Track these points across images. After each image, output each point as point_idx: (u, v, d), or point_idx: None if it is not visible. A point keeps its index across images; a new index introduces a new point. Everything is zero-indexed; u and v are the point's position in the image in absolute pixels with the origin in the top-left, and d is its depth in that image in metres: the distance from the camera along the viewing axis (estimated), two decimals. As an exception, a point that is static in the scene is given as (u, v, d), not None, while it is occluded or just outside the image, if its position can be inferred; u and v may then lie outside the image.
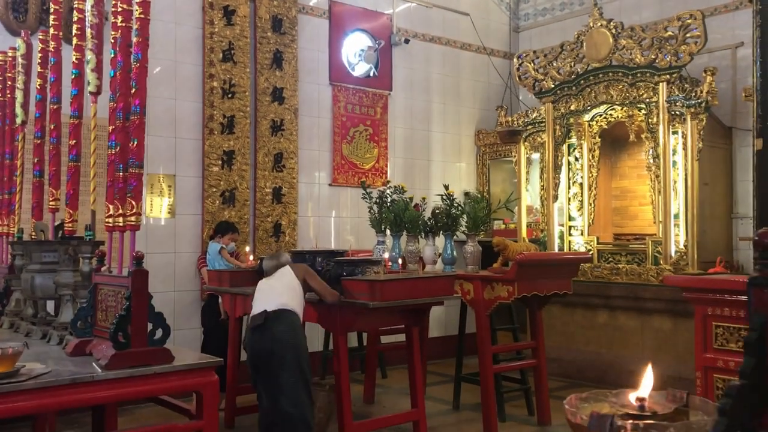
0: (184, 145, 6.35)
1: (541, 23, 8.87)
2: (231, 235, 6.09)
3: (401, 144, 7.94)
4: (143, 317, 2.64)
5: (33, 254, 3.45)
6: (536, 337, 5.33)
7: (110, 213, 2.89)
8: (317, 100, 7.25)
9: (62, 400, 2.44)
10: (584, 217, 7.41)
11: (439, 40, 8.31)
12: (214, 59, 6.44)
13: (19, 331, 3.52)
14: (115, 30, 2.88)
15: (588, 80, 7.02)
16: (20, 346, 2.48)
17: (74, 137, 3.27)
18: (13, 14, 5.51)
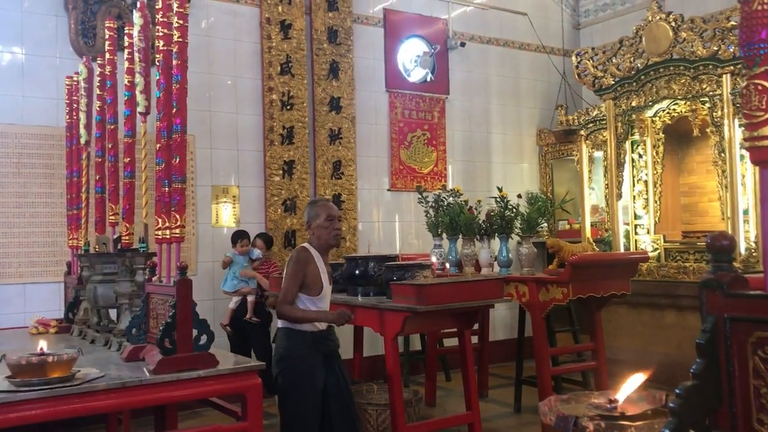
0: (246, 157, 6.58)
1: (602, 19, 8.71)
2: (241, 242, 5.96)
3: (460, 147, 7.96)
4: (188, 324, 2.79)
5: (96, 266, 3.69)
6: (596, 338, 5.25)
7: (159, 226, 3.06)
8: (374, 108, 7.36)
9: (113, 402, 2.61)
10: (650, 215, 7.23)
11: (497, 42, 8.29)
12: (272, 73, 6.64)
13: (86, 338, 3.76)
14: (158, 53, 3.05)
15: (648, 75, 6.86)
16: (75, 352, 2.67)
17: (128, 155, 3.47)
18: (83, 39, 5.86)
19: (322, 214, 3.67)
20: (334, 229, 3.67)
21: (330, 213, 3.68)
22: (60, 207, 5.56)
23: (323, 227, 3.65)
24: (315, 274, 3.61)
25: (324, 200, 3.92)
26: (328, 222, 3.65)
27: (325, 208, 3.71)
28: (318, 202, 3.88)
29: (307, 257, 3.61)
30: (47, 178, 5.65)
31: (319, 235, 3.66)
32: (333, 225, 3.66)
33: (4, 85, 5.58)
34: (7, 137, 5.53)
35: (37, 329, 4.17)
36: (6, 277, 5.47)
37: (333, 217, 3.67)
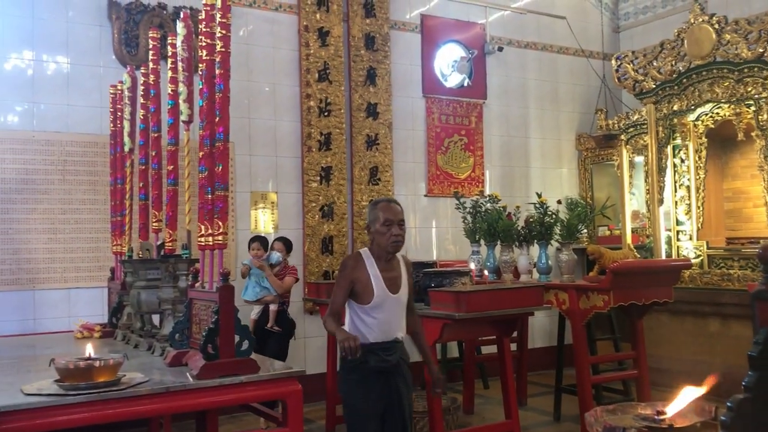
0: (285, 163, 6.64)
1: (642, 22, 8.59)
2: (253, 245, 5.66)
3: (498, 152, 7.92)
4: (230, 330, 2.82)
5: (140, 272, 3.75)
6: (637, 347, 5.17)
7: (202, 233, 3.10)
8: (411, 113, 7.37)
9: (158, 407, 2.65)
10: (692, 221, 7.09)
11: (535, 46, 8.23)
12: (310, 79, 6.69)
13: (129, 343, 3.83)
14: (201, 63, 3.10)
15: (691, 79, 6.74)
16: (120, 357, 2.72)
17: (171, 163, 3.53)
18: (126, 48, 5.97)
19: (380, 217, 3.34)
20: (392, 234, 3.32)
21: (388, 216, 3.33)
22: (103, 213, 5.67)
23: (380, 232, 3.33)
24: (364, 281, 3.30)
25: (385, 201, 3.46)
26: (385, 227, 3.32)
27: (385, 211, 3.36)
28: (378, 203, 3.46)
29: (354, 263, 3.35)
30: (91, 185, 5.77)
31: (378, 241, 3.35)
32: (391, 231, 3.32)
33: (50, 94, 5.71)
34: (53, 145, 5.67)
35: (82, 333, 4.26)
36: (52, 282, 5.60)
37: (391, 222, 3.32)
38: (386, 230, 3.32)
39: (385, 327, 3.33)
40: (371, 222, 3.39)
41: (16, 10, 5.64)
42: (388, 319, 3.33)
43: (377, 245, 3.36)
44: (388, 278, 3.35)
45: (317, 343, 6.52)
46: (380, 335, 3.31)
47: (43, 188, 5.60)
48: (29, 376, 2.99)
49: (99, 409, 2.54)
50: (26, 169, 5.57)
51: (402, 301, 3.41)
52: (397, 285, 3.38)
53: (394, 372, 3.34)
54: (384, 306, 3.31)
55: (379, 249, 3.36)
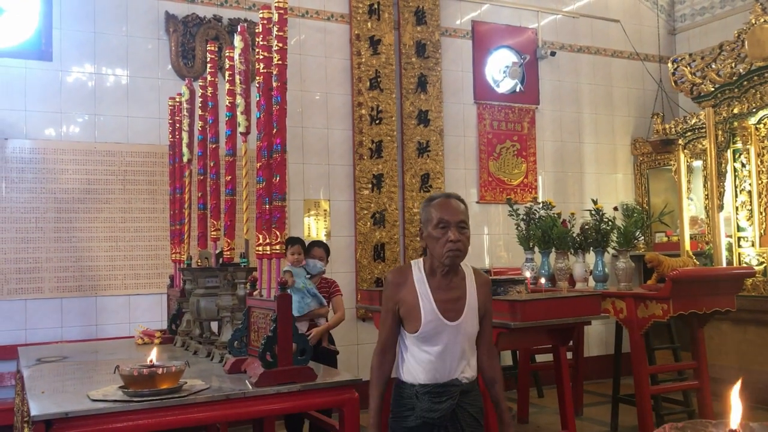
0: (337, 171, 6.69)
1: (699, 23, 8.39)
2: (290, 250, 4.89)
3: (551, 157, 7.83)
4: (288, 338, 2.85)
5: (198, 279, 3.82)
6: (698, 357, 5.04)
7: (259, 242, 3.15)
8: (462, 120, 7.34)
9: (218, 414, 2.69)
10: (754, 227, 6.87)
11: (588, 50, 8.12)
12: (361, 88, 6.74)
13: (189, 349, 3.90)
14: (259, 76, 3.15)
15: (752, 81, 6.55)
16: (182, 364, 2.77)
17: (229, 173, 3.59)
18: (183, 60, 6.11)
19: (433, 217, 2.59)
20: (448, 240, 2.54)
21: (443, 216, 2.57)
22: (162, 221, 5.81)
23: (433, 237, 2.58)
24: (411, 303, 2.59)
25: (443, 196, 2.67)
26: (439, 230, 2.56)
27: (440, 209, 2.60)
28: (434, 199, 2.67)
29: (398, 278, 2.65)
30: (150, 194, 5.91)
31: (431, 248, 2.61)
32: (447, 236, 2.55)
33: (111, 105, 5.89)
34: (114, 155, 5.83)
35: (143, 340, 4.36)
36: (113, 289, 5.75)
37: (447, 224, 2.56)
38: (441, 234, 2.55)
39: (438, 365, 2.57)
40: (424, 224, 2.66)
41: (78, 26, 5.83)
42: (444, 354, 2.56)
43: (430, 254, 2.63)
44: (444, 299, 2.59)
45: (369, 349, 6.52)
46: (433, 375, 2.57)
47: (104, 197, 5.77)
48: (95, 382, 3.08)
49: (161, 416, 2.59)
50: (88, 179, 5.74)
51: (467, 331, 2.61)
52: (458, 309, 2.60)
53: (448, 426, 2.60)
54: (438, 337, 2.56)
55: (432, 260, 2.62)
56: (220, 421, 2.69)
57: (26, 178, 5.55)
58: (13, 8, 5.72)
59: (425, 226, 2.65)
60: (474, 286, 2.68)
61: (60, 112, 5.72)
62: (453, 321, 2.58)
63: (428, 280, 2.63)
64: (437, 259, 2.60)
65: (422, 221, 2.69)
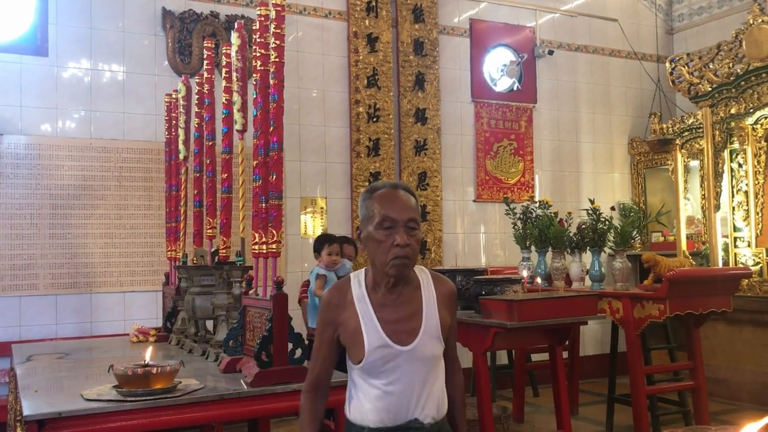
0: (334, 169, 6.67)
1: (697, 23, 8.38)
2: (328, 249, 4.70)
3: (548, 156, 7.82)
4: (284, 338, 2.84)
5: (194, 277, 3.80)
6: (694, 357, 5.04)
7: (255, 240, 3.13)
8: (459, 118, 7.33)
9: (212, 414, 2.68)
10: (751, 227, 6.87)
11: (586, 49, 8.11)
12: (359, 85, 6.72)
13: (184, 347, 3.88)
14: (256, 73, 3.13)
15: (749, 81, 6.55)
16: (177, 363, 2.75)
17: (226, 171, 3.58)
18: (179, 57, 6.08)
19: (375, 214, 2.03)
20: (395, 245, 1.99)
21: (387, 214, 2.00)
22: (157, 219, 5.79)
23: (374, 240, 2.03)
24: (351, 326, 2.06)
25: (388, 187, 2.09)
26: (383, 232, 2.01)
27: (384, 204, 2.03)
28: (375, 191, 2.09)
29: (334, 298, 2.11)
30: (146, 191, 5.89)
31: (371, 254, 2.07)
32: (392, 238, 2.00)
33: (107, 102, 5.85)
34: (109, 152, 5.80)
35: (138, 338, 4.34)
36: (108, 286, 5.73)
37: (394, 223, 2.00)
38: (384, 237, 2.01)
39: (392, 402, 2.03)
40: (363, 221, 2.10)
41: (74, 21, 5.79)
42: (398, 388, 2.03)
43: (371, 262, 2.11)
44: (393, 319, 2.06)
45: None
46: (385, 415, 2.04)
47: (99, 194, 5.75)
48: (89, 381, 3.06)
49: (155, 416, 2.57)
50: (84, 175, 5.71)
51: (426, 355, 2.06)
52: (412, 329, 2.06)
53: None
54: (388, 367, 2.02)
55: (375, 269, 2.10)
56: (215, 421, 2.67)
57: (21, 174, 5.52)
58: (8, 3, 5.68)
59: (364, 225, 2.08)
60: (433, 296, 2.12)
61: (56, 107, 5.69)
62: (406, 345, 2.03)
63: (370, 296, 2.08)
64: (380, 268, 2.05)
65: (361, 218, 2.11)
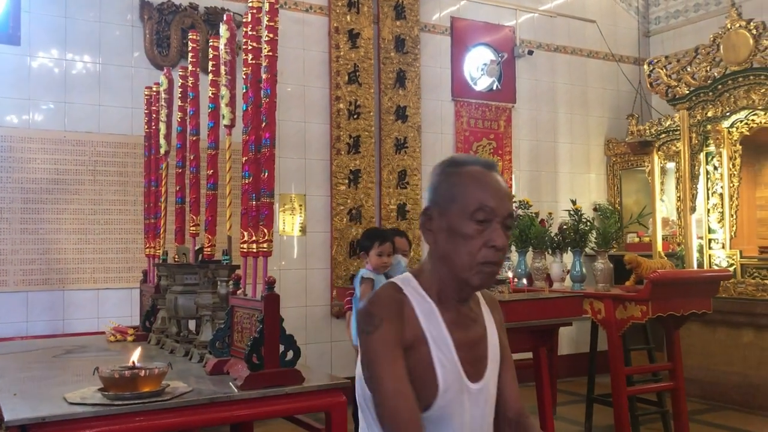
0: (313, 166, 6.59)
1: (673, 26, 8.47)
2: (379, 248, 4.02)
3: (526, 156, 7.83)
4: (275, 340, 2.76)
5: (176, 276, 3.70)
6: (673, 358, 5.07)
7: (245, 239, 3.04)
8: (440, 117, 7.30)
9: (202, 418, 2.59)
10: (725, 229, 6.97)
11: (564, 50, 8.13)
12: (340, 82, 6.64)
13: (165, 348, 3.78)
14: (246, 67, 3.05)
15: (726, 85, 6.63)
16: (165, 366, 2.66)
17: (211, 167, 3.48)
18: (157, 49, 5.94)
19: (468, 200, 1.52)
20: (489, 246, 1.52)
21: (485, 202, 1.52)
22: (133, 214, 5.66)
23: (459, 235, 1.52)
24: (418, 356, 1.51)
25: (480, 165, 1.59)
26: (475, 226, 1.51)
27: (481, 187, 1.54)
28: (464, 165, 1.58)
29: (394, 310, 1.52)
30: (121, 186, 5.74)
31: (446, 252, 1.55)
32: (486, 236, 1.52)
33: (82, 93, 5.69)
34: (84, 145, 5.64)
35: (115, 337, 4.22)
36: (81, 283, 5.58)
37: (492, 215, 1.52)
38: (476, 233, 1.51)
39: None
40: (440, 204, 1.56)
41: (48, 9, 5.62)
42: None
43: (442, 265, 1.56)
44: (464, 346, 1.57)
45: (344, 347, 6.47)
46: None
47: (73, 188, 5.59)
48: (70, 383, 2.95)
49: (143, 420, 2.48)
50: (57, 169, 5.55)
51: (490, 394, 1.63)
52: (480, 359, 1.61)
53: None
54: (456, 412, 1.55)
55: (443, 276, 1.57)
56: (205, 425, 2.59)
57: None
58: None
59: (441, 209, 1.55)
60: (489, 315, 1.72)
61: (28, 98, 5.52)
62: (476, 382, 1.56)
63: (441, 312, 1.55)
64: (457, 272, 1.54)
65: (434, 198, 1.58)
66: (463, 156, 1.66)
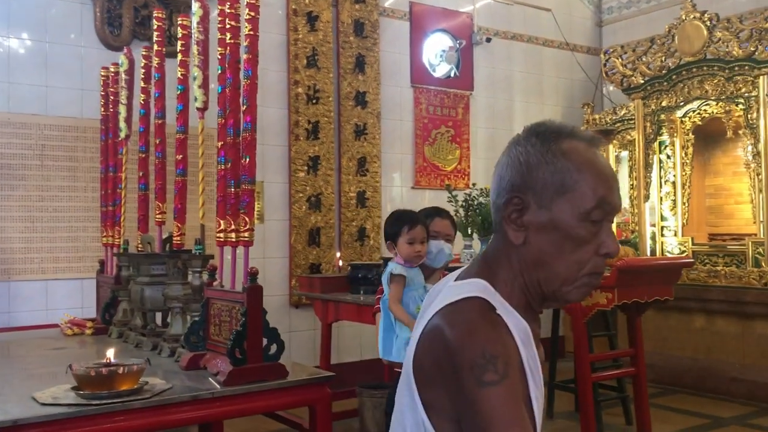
0: (272, 152, 6.41)
1: (625, 16, 8.59)
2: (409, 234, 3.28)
3: (483, 144, 7.83)
4: (258, 333, 2.65)
5: (141, 266, 3.52)
6: (635, 344, 5.14)
7: (222, 228, 2.90)
8: (399, 103, 7.21)
9: (184, 416, 2.47)
10: (677, 217, 7.13)
11: (521, 38, 8.15)
12: (298, 65, 6.48)
13: (128, 341, 3.60)
14: (223, 47, 2.90)
15: (680, 75, 6.75)
16: (143, 362, 2.52)
17: (181, 152, 3.32)
18: (108, 28, 5.66)
19: (585, 192, 1.21)
20: (603, 253, 1.24)
21: (608, 197, 1.23)
22: (84, 201, 5.40)
23: (568, 236, 1.22)
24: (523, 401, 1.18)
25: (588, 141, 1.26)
26: (589, 227, 1.22)
27: (601, 179, 1.23)
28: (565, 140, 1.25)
29: (513, 349, 1.19)
30: (71, 171, 5.46)
31: (544, 256, 1.24)
32: (602, 239, 1.23)
33: (27, 74, 5.38)
34: (30, 128, 5.34)
35: (72, 330, 4.00)
36: (28, 273, 5.30)
37: (610, 213, 1.24)
38: (591, 235, 1.23)
39: None
40: (540, 194, 1.24)
41: (-10, -16, 5.29)
42: None
43: (538, 273, 1.26)
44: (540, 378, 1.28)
45: (303, 336, 6.36)
46: None
47: (19, 173, 5.29)
48: (35, 381, 2.76)
49: (123, 420, 2.34)
50: (1, 153, 5.24)
51: None
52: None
53: None
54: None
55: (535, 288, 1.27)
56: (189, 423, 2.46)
57: (-71, 151, 5.01)
58: None
59: (546, 201, 1.23)
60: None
61: (-31, 78, 5.19)
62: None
63: (535, 338, 1.27)
64: (557, 285, 1.25)
65: (532, 186, 1.24)
66: (559, 124, 1.28)
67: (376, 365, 5.95)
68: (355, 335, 6.58)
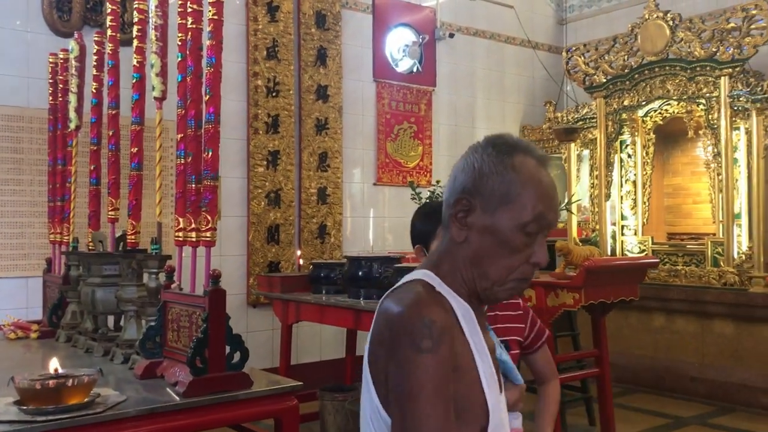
0: (230, 146, 6.17)
1: (587, 15, 8.59)
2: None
3: (445, 141, 7.73)
4: (221, 341, 2.48)
5: (92, 266, 3.30)
6: (600, 345, 5.10)
7: (181, 227, 2.71)
8: (361, 98, 7.06)
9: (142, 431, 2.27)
10: (638, 216, 7.16)
11: (483, 34, 8.07)
12: (258, 57, 6.26)
13: (78, 346, 3.38)
14: (184, 32, 2.71)
15: (643, 74, 6.76)
16: (95, 372, 2.32)
17: (136, 145, 3.10)
18: (57, 13, 5.37)
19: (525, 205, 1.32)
20: (532, 262, 1.35)
21: (544, 212, 1.34)
22: (30, 195, 5.10)
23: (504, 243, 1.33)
24: (468, 376, 1.26)
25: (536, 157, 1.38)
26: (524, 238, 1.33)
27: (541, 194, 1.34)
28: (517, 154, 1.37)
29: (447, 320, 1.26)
30: (15, 164, 5.16)
31: (478, 258, 1.34)
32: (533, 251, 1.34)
33: (-32, 59, 5.06)
34: (-30, 117, 5.03)
35: (16, 334, 3.75)
36: (-32, 272, 4.98)
37: (545, 228, 1.35)
38: (524, 245, 1.32)
39: None
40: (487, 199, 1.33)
41: (-72, -38, 4.95)
42: None
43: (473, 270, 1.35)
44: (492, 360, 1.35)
45: (261, 337, 6.17)
46: None
47: (-41, 166, 4.97)
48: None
49: (72, 437, 2.14)
50: (-61, 143, 4.92)
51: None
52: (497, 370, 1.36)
53: None
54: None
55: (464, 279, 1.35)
56: (145, 439, 2.27)
57: None
58: None
59: (491, 207, 1.32)
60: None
61: None
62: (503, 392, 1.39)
63: (476, 317, 1.34)
64: (486, 284, 1.34)
65: (481, 191, 1.33)
66: (516, 139, 1.42)
67: (337, 365, 5.81)
68: (315, 334, 6.42)
